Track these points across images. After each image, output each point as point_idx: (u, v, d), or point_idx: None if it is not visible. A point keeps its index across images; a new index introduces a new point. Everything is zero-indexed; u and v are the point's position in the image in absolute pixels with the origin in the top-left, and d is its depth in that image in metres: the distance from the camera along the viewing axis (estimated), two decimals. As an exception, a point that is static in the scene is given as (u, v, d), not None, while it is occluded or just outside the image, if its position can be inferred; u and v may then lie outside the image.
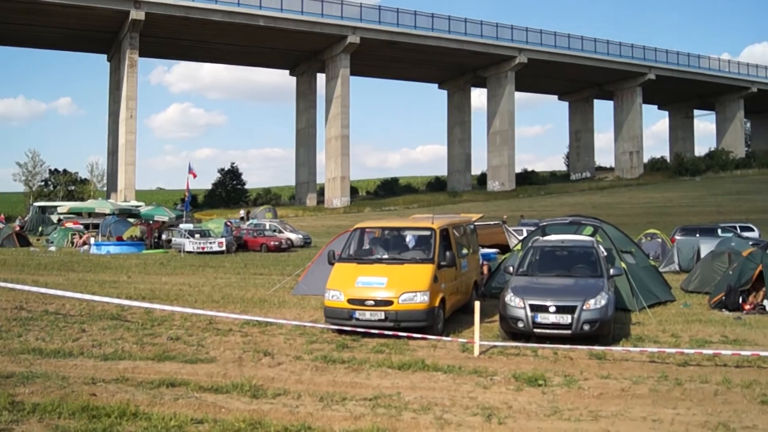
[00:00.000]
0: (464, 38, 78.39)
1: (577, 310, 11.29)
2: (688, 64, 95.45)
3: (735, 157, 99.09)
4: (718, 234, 29.38)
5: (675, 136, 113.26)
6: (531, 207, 64.85)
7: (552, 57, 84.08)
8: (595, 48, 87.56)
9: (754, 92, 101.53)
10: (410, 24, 75.79)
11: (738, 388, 8.91)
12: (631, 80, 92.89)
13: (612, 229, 17.56)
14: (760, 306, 15.25)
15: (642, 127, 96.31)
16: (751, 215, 49.01)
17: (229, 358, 10.63)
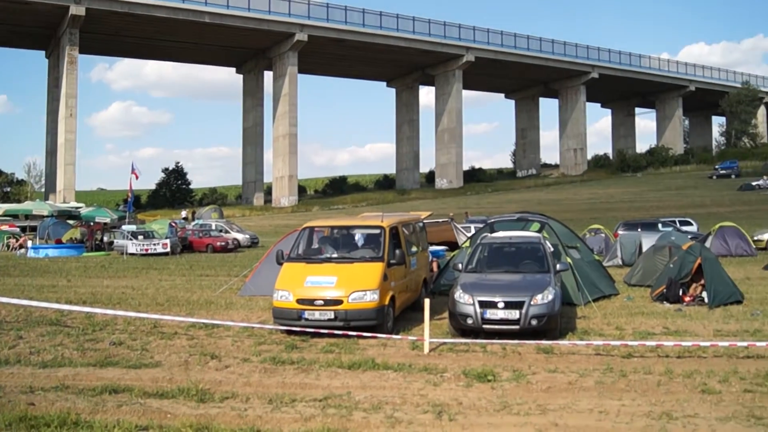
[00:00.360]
0: (412, 37, 78.71)
1: (525, 306, 11.40)
2: (630, 64, 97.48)
3: (674, 153, 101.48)
4: (658, 228, 30.08)
5: (617, 134, 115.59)
6: (479, 204, 65.42)
7: (499, 56, 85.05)
8: (541, 47, 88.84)
9: (692, 91, 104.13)
10: (358, 22, 75.79)
11: (680, 378, 9.14)
12: (575, 79, 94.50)
13: (558, 224, 17.81)
14: (699, 298, 15.63)
15: (586, 124, 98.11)
16: (690, 210, 50.22)
17: (174, 362, 10.48)
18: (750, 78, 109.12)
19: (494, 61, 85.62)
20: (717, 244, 26.91)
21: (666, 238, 20.83)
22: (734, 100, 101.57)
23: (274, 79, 77.97)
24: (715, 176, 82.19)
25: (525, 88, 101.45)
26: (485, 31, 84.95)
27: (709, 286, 15.41)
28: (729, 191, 68.24)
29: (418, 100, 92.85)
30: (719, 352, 10.50)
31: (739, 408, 7.83)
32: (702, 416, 7.59)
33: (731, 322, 13.38)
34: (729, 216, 42.92)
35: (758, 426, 7.26)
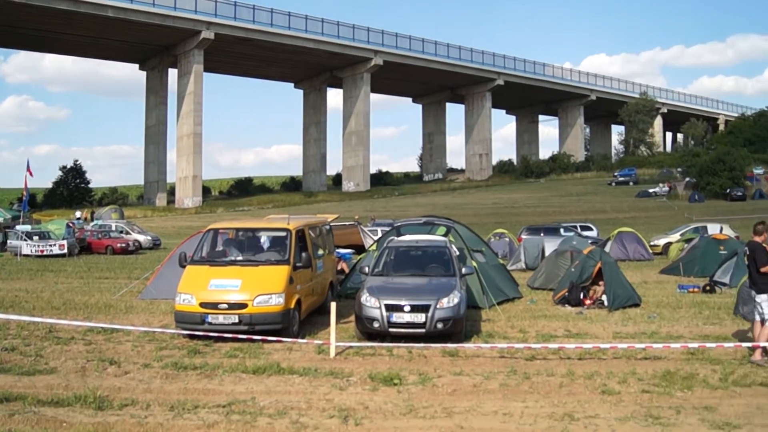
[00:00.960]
0: (321, 38, 78.46)
1: (430, 309, 11.46)
2: (534, 72, 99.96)
3: (576, 160, 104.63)
4: (560, 233, 30.86)
5: (521, 140, 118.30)
6: (386, 207, 65.71)
7: (406, 60, 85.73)
8: (448, 53, 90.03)
9: (593, 100, 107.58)
10: (266, 21, 75.01)
11: (581, 380, 9.36)
12: (481, 85, 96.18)
13: (463, 229, 18.01)
14: (599, 301, 16.11)
15: (491, 130, 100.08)
16: (590, 215, 51.86)
17: (71, 368, 10.08)
18: (647, 89, 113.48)
19: (402, 65, 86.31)
20: (616, 249, 27.81)
21: (568, 243, 21.38)
22: (633, 110, 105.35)
23: (179, 77, 76.36)
24: (614, 183, 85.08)
25: (432, 93, 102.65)
26: (394, 35, 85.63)
27: (608, 289, 15.90)
28: (627, 198, 70.72)
29: (326, 102, 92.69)
30: (618, 354, 10.82)
31: (637, 408, 8.07)
32: (602, 416, 7.78)
33: (629, 324, 13.84)
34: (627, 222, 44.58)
35: (656, 425, 7.49)
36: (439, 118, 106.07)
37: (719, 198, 66.87)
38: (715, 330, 13.08)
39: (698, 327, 13.43)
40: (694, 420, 7.65)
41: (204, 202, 76.58)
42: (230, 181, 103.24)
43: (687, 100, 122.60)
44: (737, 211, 54.65)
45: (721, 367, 9.91)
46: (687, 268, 22.47)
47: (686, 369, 9.86)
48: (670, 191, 72.38)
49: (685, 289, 18.77)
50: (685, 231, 32.76)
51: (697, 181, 71.27)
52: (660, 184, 76.25)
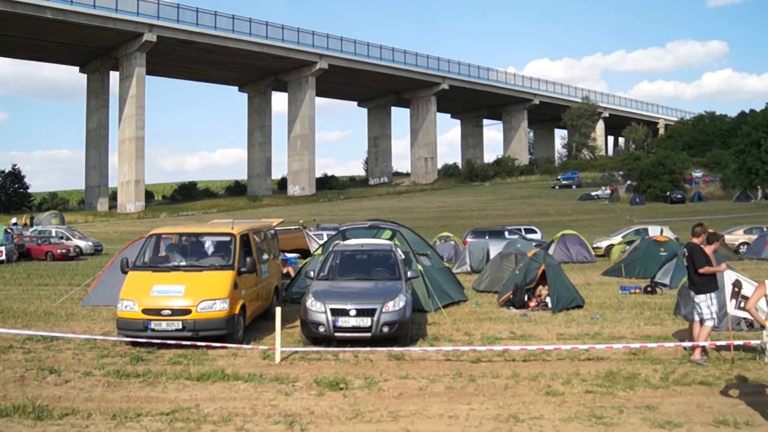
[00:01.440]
0: (265, 41, 77.97)
1: (376, 313, 11.45)
2: (478, 76, 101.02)
3: (520, 164, 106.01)
4: (505, 236, 31.13)
5: (466, 144, 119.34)
6: (331, 211, 65.62)
7: (352, 64, 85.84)
8: (393, 57, 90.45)
9: (537, 104, 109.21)
10: (210, 24, 74.21)
11: (526, 381, 9.45)
12: (426, 89, 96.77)
13: (409, 232, 18.04)
14: (543, 303, 16.30)
15: (436, 134, 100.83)
16: (534, 218, 52.46)
17: (9, 377, 9.81)
18: (589, 93, 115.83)
19: (347, 69, 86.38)
20: (559, 251, 28.17)
21: (512, 246, 21.59)
22: (575, 114, 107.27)
23: (121, 80, 75.00)
24: (557, 186, 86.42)
25: (377, 96, 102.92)
26: (339, 39, 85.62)
27: (552, 291, 16.10)
28: (570, 201, 71.88)
29: (271, 105, 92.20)
30: (562, 355, 10.95)
31: (581, 408, 8.18)
32: (547, 417, 7.86)
33: (573, 325, 14.02)
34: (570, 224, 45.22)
35: (599, 425, 7.60)
36: (384, 122, 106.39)
37: (659, 201, 68.41)
38: (656, 330, 13.34)
39: (640, 327, 13.68)
40: (636, 419, 7.79)
41: (147, 207, 75.39)
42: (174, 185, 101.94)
43: (628, 104, 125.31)
44: (677, 214, 56.02)
45: (662, 367, 10.11)
46: (628, 270, 22.89)
47: (628, 369, 10.03)
48: (612, 194, 73.80)
49: (627, 291, 19.12)
50: (627, 233, 33.37)
51: (638, 184, 72.84)
52: (602, 188, 77.76)
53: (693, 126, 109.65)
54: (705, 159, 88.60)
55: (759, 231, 33.12)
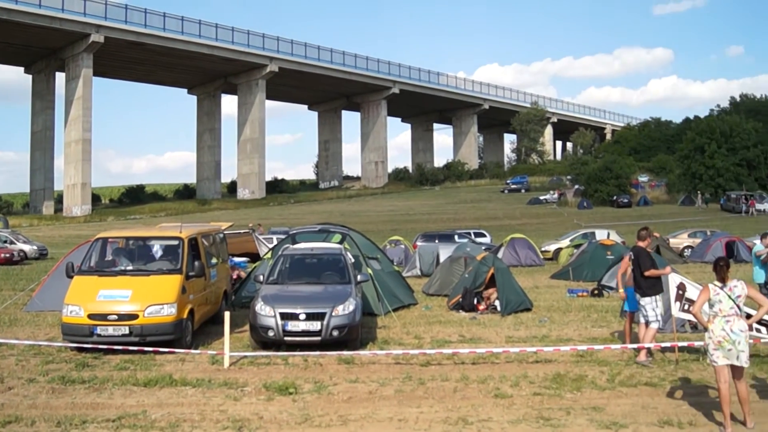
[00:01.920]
0: (215, 44, 77.16)
1: (326, 317, 11.46)
2: (429, 81, 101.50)
3: (470, 168, 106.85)
4: (455, 240, 31.37)
5: (416, 148, 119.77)
6: (281, 215, 65.26)
7: (302, 67, 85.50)
8: (344, 61, 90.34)
9: (486, 109, 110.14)
10: (159, 26, 73.07)
11: (475, 384, 9.53)
12: (377, 93, 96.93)
13: (359, 236, 18.08)
14: (492, 306, 16.45)
15: (387, 138, 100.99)
16: (484, 222, 52.93)
17: (-52, 384, 9.57)
18: (538, 99, 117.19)
19: (298, 73, 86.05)
20: (508, 255, 28.45)
21: (462, 249, 21.74)
22: (524, 119, 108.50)
23: (67, 81, 73.41)
24: (506, 190, 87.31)
25: (328, 100, 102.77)
26: (289, 42, 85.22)
27: (501, 294, 16.25)
28: (519, 205, 72.62)
29: (221, 108, 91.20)
30: (511, 358, 11.08)
31: (529, 410, 8.28)
32: (495, 420, 7.94)
33: (521, 328, 14.18)
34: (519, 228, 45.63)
35: (546, 427, 7.70)
36: (335, 125, 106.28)
37: (606, 205, 69.53)
38: (603, 332, 13.56)
39: (587, 330, 13.89)
40: (583, 420, 7.91)
41: (93, 211, 73.98)
42: (121, 188, 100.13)
43: (576, 110, 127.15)
44: (623, 218, 57.05)
45: (609, 369, 10.29)
46: (576, 273, 23.22)
47: (576, 371, 10.19)
48: (560, 198, 74.80)
49: (575, 294, 19.39)
50: (575, 237, 33.86)
51: (586, 189, 73.94)
52: (550, 192, 78.76)
53: (639, 131, 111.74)
54: (650, 164, 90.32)
55: (702, 234, 33.93)
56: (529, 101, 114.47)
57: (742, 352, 7.54)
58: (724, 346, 7.56)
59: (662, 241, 29.03)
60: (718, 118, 79.24)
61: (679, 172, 74.84)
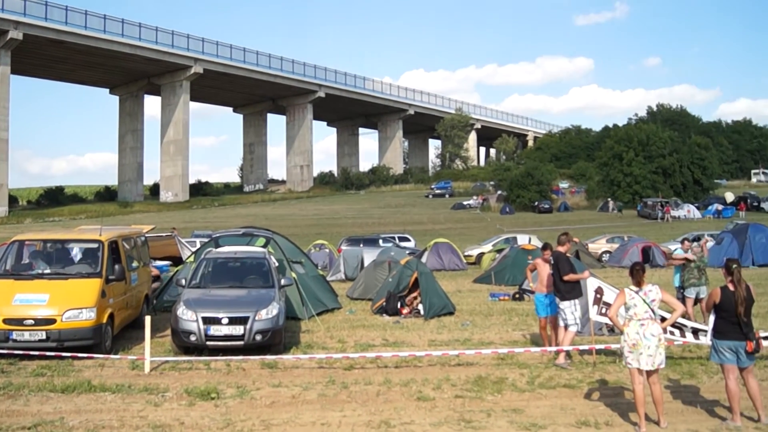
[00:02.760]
0: (138, 43, 75.42)
1: (249, 321, 11.37)
2: (355, 85, 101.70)
3: (395, 172, 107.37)
4: (379, 244, 31.47)
5: (342, 152, 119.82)
6: (205, 218, 64.37)
7: (227, 69, 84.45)
8: (270, 63, 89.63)
9: (412, 114, 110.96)
10: (81, 24, 70.98)
11: (398, 387, 9.60)
12: (302, 97, 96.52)
13: (283, 240, 17.99)
14: (416, 310, 16.59)
15: (312, 142, 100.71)
16: (409, 227, 53.23)
17: None
18: (463, 105, 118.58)
19: (223, 75, 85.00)
20: (432, 259, 28.73)
21: (386, 254, 21.84)
22: (449, 125, 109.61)
23: (-19, 79, 70.92)
24: (431, 195, 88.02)
25: (253, 103, 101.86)
26: (214, 44, 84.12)
27: (424, 298, 16.40)
28: (443, 209, 73.32)
29: (143, 109, 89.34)
30: (433, 361, 11.18)
31: (450, 413, 8.38)
32: (417, 422, 8.02)
33: (444, 332, 14.34)
34: (443, 233, 46.16)
35: (468, 429, 7.82)
36: (260, 128, 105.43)
37: (528, 210, 70.80)
38: (524, 336, 13.82)
39: (508, 333, 14.14)
40: (503, 422, 8.05)
41: (10, 213, 71.41)
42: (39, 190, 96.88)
43: (499, 116, 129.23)
44: (544, 223, 58.19)
45: (529, 371, 10.50)
46: (498, 277, 23.60)
47: (497, 374, 10.35)
48: (483, 203, 75.81)
49: (497, 297, 19.71)
50: (497, 241, 34.41)
51: (508, 194, 75.15)
52: (474, 197, 79.81)
53: (560, 139, 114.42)
54: (571, 170, 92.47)
55: (620, 240, 34.88)
56: (453, 107, 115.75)
57: (655, 355, 7.80)
58: (638, 348, 7.81)
59: (581, 246, 29.73)
60: (635, 127, 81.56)
61: (599, 179, 76.74)
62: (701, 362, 10.83)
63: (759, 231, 30.10)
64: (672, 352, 11.39)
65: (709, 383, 9.80)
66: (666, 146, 72.60)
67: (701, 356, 11.14)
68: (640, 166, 70.94)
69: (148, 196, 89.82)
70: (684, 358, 11.37)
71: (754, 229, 30.22)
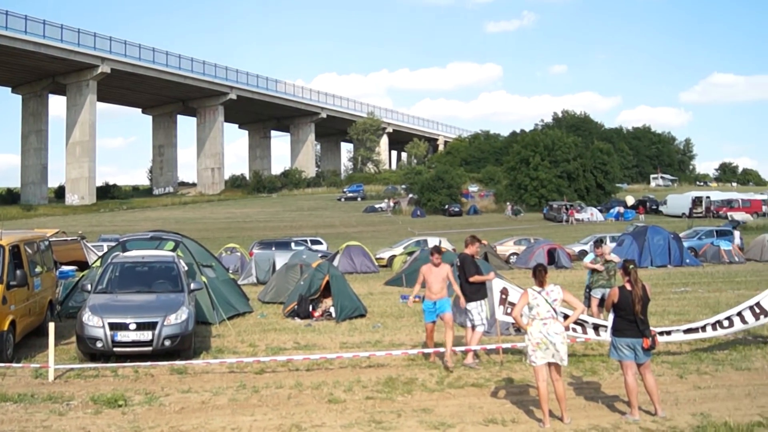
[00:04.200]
0: (42, 41, 72.67)
1: (158, 326, 11.19)
2: (267, 88, 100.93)
3: (307, 176, 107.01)
4: (291, 247, 31.39)
5: (254, 155, 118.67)
6: (113, 222, 62.79)
7: (136, 69, 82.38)
8: (180, 64, 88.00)
9: (324, 117, 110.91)
10: (-20, 20, 68.33)
11: (309, 390, 9.61)
12: (213, 98, 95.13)
13: (193, 243, 17.76)
14: (328, 313, 16.61)
15: (223, 144, 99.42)
16: (321, 230, 53.18)
17: None
18: (375, 109, 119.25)
19: (131, 75, 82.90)
20: (344, 262, 28.80)
21: (298, 257, 21.81)
22: (361, 129, 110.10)
23: None
24: (343, 199, 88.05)
25: (163, 104, 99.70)
26: (122, 43, 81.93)
27: (336, 301, 16.45)
28: (356, 213, 73.52)
29: (48, 109, 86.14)
30: (344, 364, 11.24)
31: (361, 414, 8.44)
32: (329, 425, 8.05)
33: (355, 334, 14.42)
34: (355, 236, 46.23)
35: (378, 430, 7.90)
36: (170, 130, 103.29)
37: (439, 213, 71.67)
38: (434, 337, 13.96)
39: (418, 335, 14.27)
40: (413, 422, 8.16)
41: None
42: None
43: (411, 121, 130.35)
44: (454, 226, 59.03)
45: (438, 371, 10.67)
46: (409, 279, 23.73)
47: (407, 375, 10.48)
48: (395, 207, 76.31)
49: (407, 299, 19.87)
50: (408, 244, 34.75)
51: (419, 198, 75.91)
52: (386, 200, 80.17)
53: (470, 143, 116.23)
54: (480, 174, 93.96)
55: (527, 242, 35.72)
56: (365, 111, 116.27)
57: (558, 352, 8.06)
58: (541, 347, 8.05)
59: (490, 249, 30.31)
60: (541, 133, 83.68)
61: (506, 182, 78.34)
62: (602, 359, 11.20)
63: (657, 233, 31.38)
64: (575, 350, 11.75)
65: (610, 379, 10.15)
66: (570, 151, 74.72)
67: (602, 353, 11.52)
68: (545, 170, 72.77)
69: (52, 199, 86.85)
70: (586, 355, 11.75)
71: (652, 232, 31.50)
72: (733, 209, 61.52)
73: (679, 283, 23.41)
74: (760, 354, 11.58)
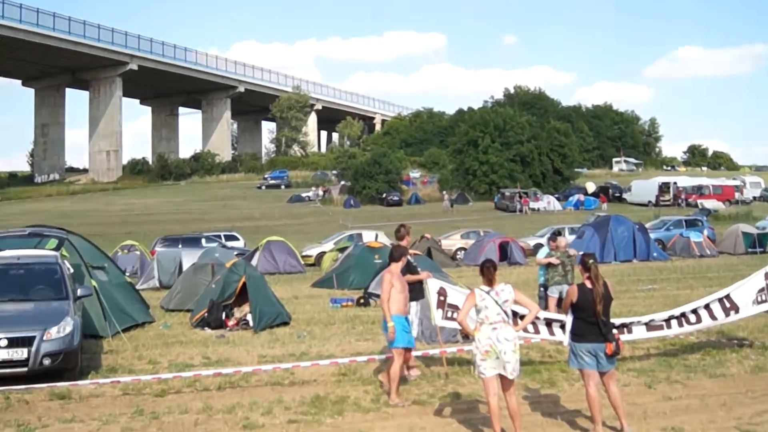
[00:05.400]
0: None
1: (35, 342, 10.78)
2: (174, 57, 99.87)
3: (222, 160, 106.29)
4: (202, 244, 31.11)
5: (158, 135, 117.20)
6: (-16, 216, 61.29)
7: (15, 33, 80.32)
8: (70, 28, 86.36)
9: (242, 92, 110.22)
10: None
11: (220, 415, 9.36)
12: (109, 69, 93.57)
13: (81, 241, 17.31)
14: (244, 321, 16.33)
15: (122, 123, 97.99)
16: (237, 223, 52.92)
17: None
18: (301, 83, 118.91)
19: (10, 40, 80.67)
20: (264, 261, 28.58)
21: (209, 256, 21.51)
22: (285, 105, 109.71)
23: None
24: (264, 186, 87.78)
25: (48, 76, 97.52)
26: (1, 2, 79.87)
27: (254, 307, 16.17)
28: (278, 203, 73.40)
29: None
30: (263, 381, 11.04)
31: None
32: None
33: (277, 346, 14.21)
34: (278, 230, 46.03)
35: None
36: (56, 106, 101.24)
37: (375, 203, 72.01)
38: (369, 346, 13.84)
39: (351, 344, 14.17)
40: (344, 450, 7.98)
41: None
42: None
43: (343, 96, 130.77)
44: (393, 217, 59.08)
45: (374, 388, 10.51)
46: (341, 280, 23.71)
47: (337, 392, 10.30)
48: (325, 196, 76.42)
49: (339, 303, 19.78)
50: (340, 239, 34.72)
51: (353, 185, 76.09)
52: (314, 188, 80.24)
53: (411, 122, 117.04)
54: (423, 158, 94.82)
55: (476, 235, 35.99)
56: (291, 85, 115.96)
57: (509, 362, 7.90)
58: (491, 355, 7.90)
59: (434, 243, 30.40)
60: (491, 111, 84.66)
61: (452, 167, 78.97)
62: (562, 368, 11.18)
63: (621, 223, 31.94)
64: (530, 358, 11.77)
65: (571, 391, 10.15)
66: (524, 132, 75.63)
67: (561, 361, 11.51)
68: (496, 153, 73.43)
69: None
70: (544, 363, 11.76)
71: (615, 222, 32.05)
72: (703, 196, 63.32)
73: (646, 280, 23.86)
74: (735, 359, 11.77)
